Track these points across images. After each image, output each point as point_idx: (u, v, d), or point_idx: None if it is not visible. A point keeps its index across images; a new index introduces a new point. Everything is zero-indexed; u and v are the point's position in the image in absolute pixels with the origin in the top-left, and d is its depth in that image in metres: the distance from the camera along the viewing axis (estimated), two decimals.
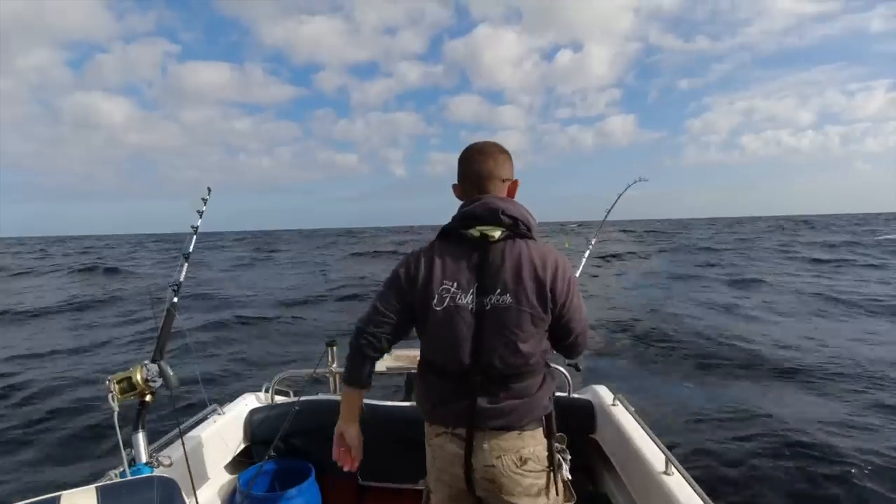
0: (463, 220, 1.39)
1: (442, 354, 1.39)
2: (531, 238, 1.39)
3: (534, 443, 1.38)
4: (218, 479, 2.32)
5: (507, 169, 1.46)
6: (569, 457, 1.45)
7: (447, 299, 1.36)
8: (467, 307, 1.34)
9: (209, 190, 2.31)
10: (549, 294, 1.34)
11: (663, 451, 1.82)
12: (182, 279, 2.08)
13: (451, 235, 1.41)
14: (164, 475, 1.30)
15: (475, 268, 1.35)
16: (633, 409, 2.21)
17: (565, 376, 2.36)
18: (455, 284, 1.36)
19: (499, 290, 1.33)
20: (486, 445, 1.35)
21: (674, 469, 1.75)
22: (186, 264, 2.12)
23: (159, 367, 1.78)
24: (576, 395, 2.45)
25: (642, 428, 2.06)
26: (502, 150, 1.48)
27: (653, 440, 1.95)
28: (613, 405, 2.31)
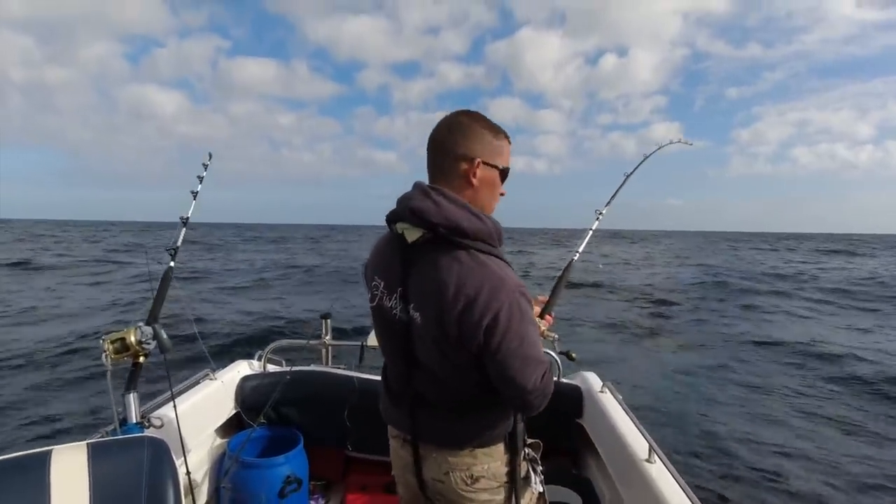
0: (392, 210, 1.14)
1: (385, 356, 1.27)
2: (467, 248, 1.06)
3: (489, 460, 1.19)
4: (207, 442, 2.35)
5: (463, 143, 1.10)
6: (540, 468, 1.31)
7: (377, 297, 1.20)
8: (392, 311, 1.15)
9: (210, 155, 2.29)
10: (455, 328, 1.03)
11: (647, 440, 1.84)
12: (180, 243, 2.07)
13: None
14: (155, 436, 1.31)
15: (400, 269, 1.12)
16: (620, 397, 2.23)
17: (556, 360, 2.37)
18: (383, 283, 1.18)
19: (413, 305, 1.10)
20: (434, 456, 1.20)
21: (656, 457, 1.77)
22: (185, 229, 2.11)
23: (153, 329, 1.78)
24: (565, 380, 2.47)
25: (628, 416, 2.09)
26: (470, 118, 1.13)
27: (638, 428, 1.98)
28: (601, 392, 2.33)
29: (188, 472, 1.70)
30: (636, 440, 1.92)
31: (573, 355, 1.49)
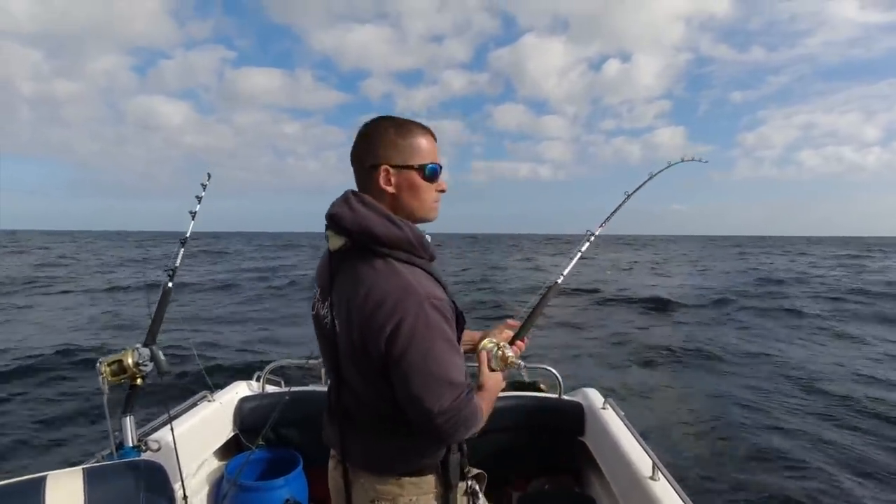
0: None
1: (325, 367, 1.21)
2: (385, 256, 1.02)
3: (417, 491, 1.11)
4: (206, 466, 2.31)
5: (370, 151, 1.07)
6: (482, 502, 1.21)
7: (315, 305, 1.17)
8: (324, 320, 1.12)
9: (209, 176, 2.30)
10: (360, 336, 1.00)
11: (650, 456, 1.82)
12: (178, 264, 2.07)
13: None
14: (152, 460, 1.30)
15: (328, 277, 1.10)
16: (622, 413, 2.21)
17: (556, 377, 2.36)
18: (318, 291, 1.16)
19: (335, 313, 1.08)
20: (363, 482, 1.14)
21: (660, 475, 1.75)
22: (182, 249, 2.11)
23: (151, 351, 1.77)
24: (566, 398, 2.45)
25: (631, 432, 2.07)
26: (374, 123, 1.09)
27: (641, 445, 1.96)
28: (603, 409, 2.31)
29: (185, 497, 1.67)
30: (640, 457, 1.90)
31: (542, 386, 1.36)
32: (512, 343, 1.33)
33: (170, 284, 2.02)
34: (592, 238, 1.68)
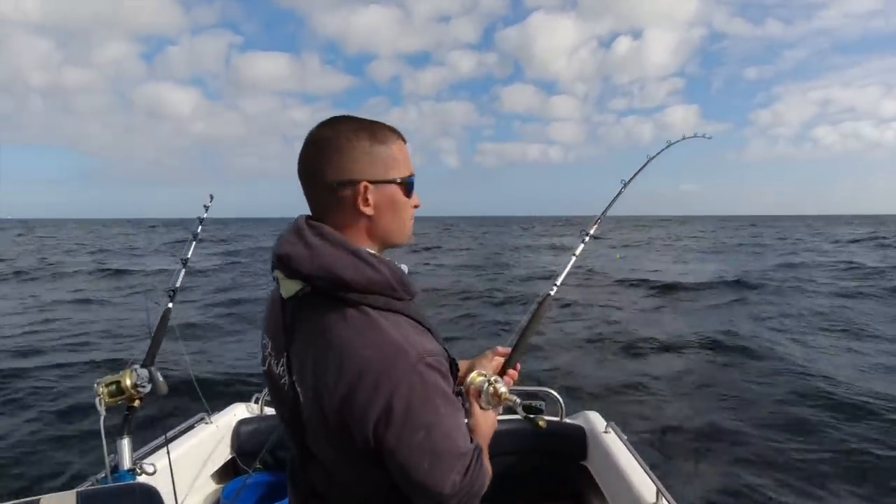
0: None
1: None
2: (357, 304, 0.81)
3: None
4: (202, 489, 2.28)
5: (338, 164, 0.85)
6: None
7: (266, 358, 0.96)
8: (281, 381, 0.91)
9: (211, 197, 2.32)
10: (337, 418, 0.79)
11: (654, 482, 1.80)
12: (178, 285, 2.07)
13: None
14: (147, 483, 1.28)
15: (283, 330, 0.89)
16: (625, 437, 2.19)
17: (558, 400, 2.34)
18: (271, 344, 0.95)
19: (296, 378, 0.86)
20: None
21: (664, 500, 1.73)
22: (184, 270, 2.12)
23: (149, 372, 1.76)
24: (567, 421, 2.43)
25: (634, 457, 2.04)
26: (337, 128, 0.87)
27: (644, 470, 1.93)
28: (605, 432, 2.29)
29: None
30: (643, 482, 1.88)
31: (541, 423, 1.14)
32: (503, 373, 1.17)
33: (170, 305, 2.02)
34: (588, 238, 1.53)
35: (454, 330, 9.62)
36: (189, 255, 2.15)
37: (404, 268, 0.89)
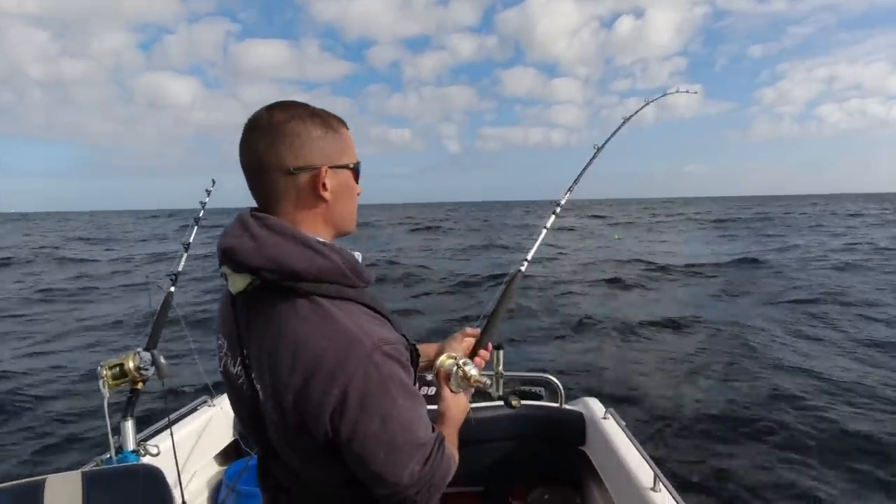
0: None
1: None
2: (309, 294, 0.79)
3: None
4: (205, 471, 2.31)
5: (298, 148, 0.82)
6: None
7: (223, 360, 0.93)
8: (239, 380, 0.88)
9: (213, 182, 2.31)
10: (295, 413, 0.78)
11: (651, 467, 1.82)
12: (180, 269, 2.08)
13: None
14: (151, 464, 1.30)
15: (236, 327, 0.88)
16: (623, 423, 2.20)
17: (558, 387, 2.35)
18: (226, 344, 0.92)
19: (254, 374, 0.84)
20: None
21: (661, 486, 1.75)
22: (186, 254, 2.13)
23: (152, 355, 1.78)
24: (567, 407, 2.45)
25: (632, 442, 2.06)
26: (290, 113, 0.83)
27: (642, 455, 1.95)
28: (604, 418, 2.30)
29: (184, 502, 1.67)
30: (641, 468, 1.90)
31: (513, 402, 1.09)
32: (473, 355, 1.12)
33: (172, 289, 2.03)
34: (558, 209, 1.48)
35: (444, 312, 9.64)
36: (191, 240, 2.16)
37: (357, 255, 0.87)
